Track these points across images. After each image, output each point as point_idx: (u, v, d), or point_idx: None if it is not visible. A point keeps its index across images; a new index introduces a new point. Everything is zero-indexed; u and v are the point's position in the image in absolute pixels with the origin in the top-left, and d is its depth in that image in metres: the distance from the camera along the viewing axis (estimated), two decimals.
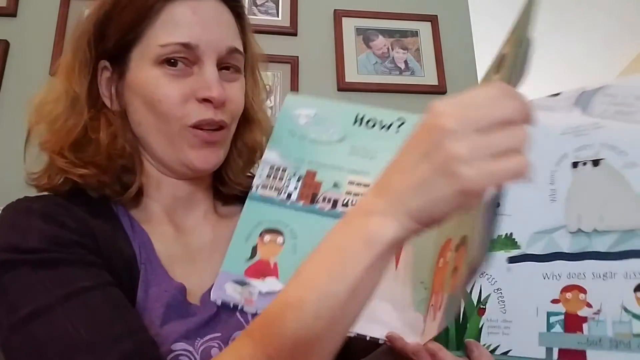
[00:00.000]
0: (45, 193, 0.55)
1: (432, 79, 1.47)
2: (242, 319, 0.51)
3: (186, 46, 0.52)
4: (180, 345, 0.47)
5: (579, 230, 0.46)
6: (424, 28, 1.53)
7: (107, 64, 0.55)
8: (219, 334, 0.50)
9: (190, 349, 0.47)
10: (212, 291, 0.52)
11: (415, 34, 1.52)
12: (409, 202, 0.31)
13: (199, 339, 0.48)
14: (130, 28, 0.53)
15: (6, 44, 1.30)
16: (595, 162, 0.48)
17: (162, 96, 0.52)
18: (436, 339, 0.43)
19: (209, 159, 0.55)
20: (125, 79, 0.55)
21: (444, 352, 0.43)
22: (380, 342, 0.48)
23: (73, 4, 1.34)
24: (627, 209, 0.45)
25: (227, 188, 0.63)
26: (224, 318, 0.51)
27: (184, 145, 0.53)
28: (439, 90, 1.46)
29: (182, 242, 0.57)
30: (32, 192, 0.55)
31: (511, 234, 0.50)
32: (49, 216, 0.48)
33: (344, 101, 0.61)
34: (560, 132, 0.51)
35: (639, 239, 0.44)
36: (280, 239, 0.53)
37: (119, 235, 0.51)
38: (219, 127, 0.54)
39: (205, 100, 0.53)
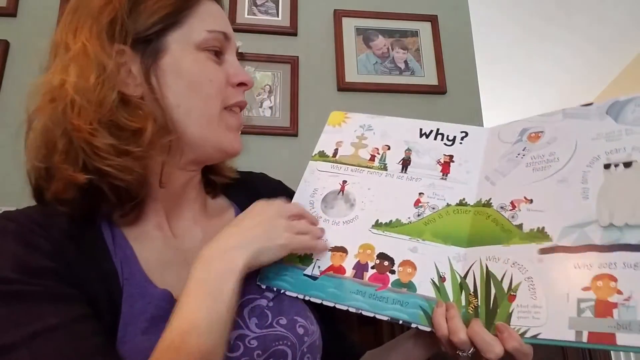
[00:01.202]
0: (29, 205, 0.53)
1: (432, 79, 1.47)
2: (240, 321, 0.52)
3: (225, 36, 0.58)
4: None
5: (611, 225, 0.48)
6: (424, 28, 1.53)
7: (123, 47, 0.53)
8: None
9: None
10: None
11: (415, 34, 1.52)
12: (252, 245, 0.50)
13: None
14: (172, 13, 0.54)
15: (6, 44, 1.30)
16: (627, 164, 0.50)
17: (212, 77, 0.56)
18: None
19: (238, 141, 0.60)
20: (162, 61, 0.54)
21: (478, 325, 0.49)
22: (414, 326, 0.52)
23: None
24: None
25: (219, 177, 0.66)
26: None
27: (222, 127, 0.57)
28: (439, 90, 1.46)
29: (172, 246, 0.57)
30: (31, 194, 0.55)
31: (543, 227, 0.52)
32: (23, 239, 0.46)
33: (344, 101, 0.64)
34: (592, 137, 0.54)
35: None
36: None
37: (99, 253, 0.50)
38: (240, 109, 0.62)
39: (240, 85, 0.59)
